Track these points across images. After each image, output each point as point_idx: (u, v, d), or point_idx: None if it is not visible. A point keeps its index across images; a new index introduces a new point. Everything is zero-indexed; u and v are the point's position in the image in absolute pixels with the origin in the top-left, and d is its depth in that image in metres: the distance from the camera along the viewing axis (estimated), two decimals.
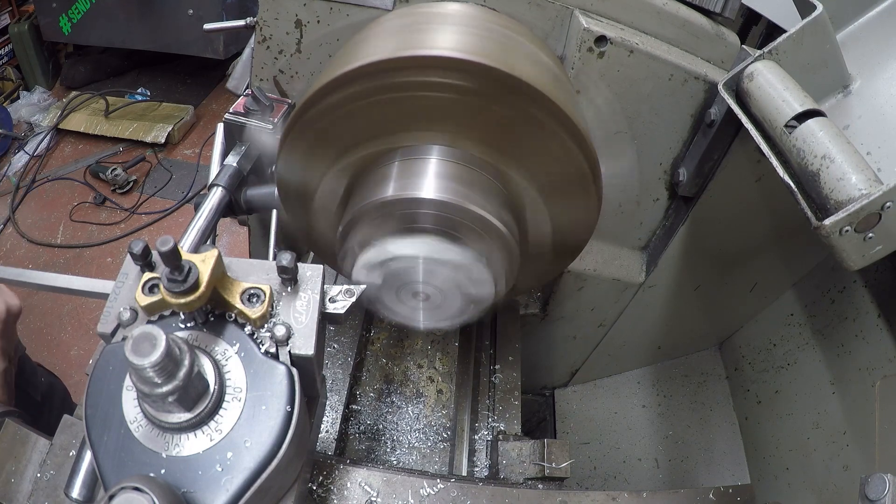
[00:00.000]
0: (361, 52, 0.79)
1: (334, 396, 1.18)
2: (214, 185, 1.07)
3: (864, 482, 0.71)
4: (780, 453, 1.61)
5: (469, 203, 0.80)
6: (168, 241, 0.57)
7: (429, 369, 1.29)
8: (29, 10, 4.46)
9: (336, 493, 0.80)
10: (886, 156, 0.95)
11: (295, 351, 0.67)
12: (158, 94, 4.59)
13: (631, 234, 1.49)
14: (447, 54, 0.73)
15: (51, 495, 0.75)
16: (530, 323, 1.63)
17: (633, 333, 1.79)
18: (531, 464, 1.06)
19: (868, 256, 0.82)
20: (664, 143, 1.26)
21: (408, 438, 1.18)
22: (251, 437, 0.60)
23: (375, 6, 1.09)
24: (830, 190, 0.81)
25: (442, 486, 0.83)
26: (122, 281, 0.69)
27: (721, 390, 1.93)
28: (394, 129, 0.82)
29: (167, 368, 0.53)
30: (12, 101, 4.46)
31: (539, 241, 0.95)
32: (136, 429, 0.59)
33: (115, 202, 3.85)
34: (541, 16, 1.09)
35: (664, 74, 1.13)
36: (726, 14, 1.20)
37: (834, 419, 1.41)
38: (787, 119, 0.90)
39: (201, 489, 0.57)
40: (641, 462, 1.88)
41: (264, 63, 1.20)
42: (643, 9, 1.11)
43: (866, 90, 1.04)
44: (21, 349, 2.01)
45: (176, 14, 3.91)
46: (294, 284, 0.70)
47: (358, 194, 0.87)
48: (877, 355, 1.30)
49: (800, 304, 1.62)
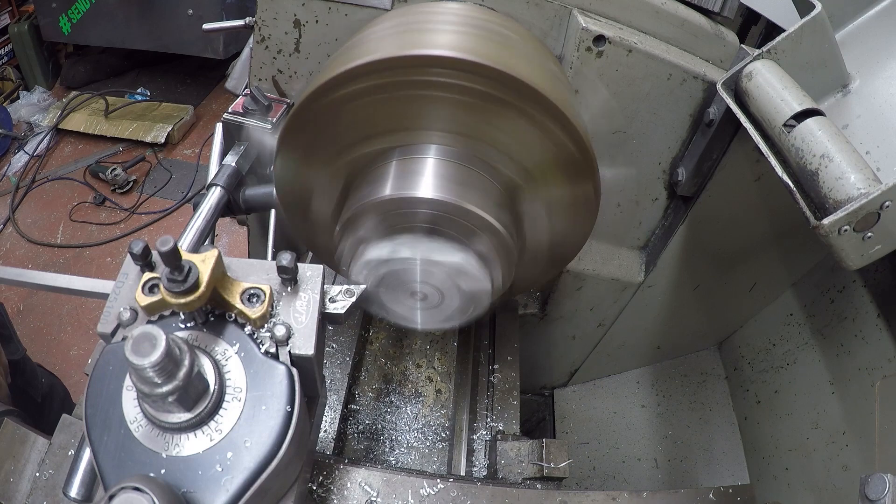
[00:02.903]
0: (360, 51, 0.79)
1: (333, 396, 1.18)
2: (213, 185, 1.08)
3: (864, 482, 0.71)
4: (780, 453, 1.61)
5: (466, 202, 0.80)
6: (168, 241, 0.57)
7: (427, 369, 1.29)
8: (29, 10, 4.46)
9: (336, 493, 0.80)
10: (885, 155, 0.95)
11: (295, 351, 0.67)
12: (158, 94, 4.59)
13: (630, 234, 1.49)
14: (445, 54, 0.73)
15: (49, 494, 0.75)
16: (529, 323, 1.63)
17: (632, 333, 1.79)
18: (530, 464, 1.06)
19: (867, 256, 0.82)
20: (663, 143, 1.26)
21: (406, 438, 1.18)
22: (251, 437, 0.60)
23: (374, 6, 1.09)
24: (829, 189, 0.81)
25: (442, 486, 0.83)
26: (122, 281, 0.69)
27: (720, 390, 1.93)
28: (391, 128, 0.82)
29: (167, 368, 0.53)
30: (12, 101, 4.46)
31: (537, 240, 0.95)
32: (136, 429, 0.59)
33: (114, 202, 3.85)
34: (539, 15, 1.09)
35: (663, 74, 1.13)
36: (725, 13, 1.20)
37: (833, 419, 1.41)
38: (785, 118, 0.90)
39: (201, 489, 0.57)
40: (641, 462, 1.88)
41: (263, 63, 1.20)
42: (642, 8, 1.11)
43: (865, 89, 1.04)
44: (21, 350, 2.01)
45: (176, 14, 3.91)
46: (294, 284, 0.70)
47: (355, 193, 0.87)
48: (876, 355, 1.30)
49: (799, 304, 1.62)
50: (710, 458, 1.84)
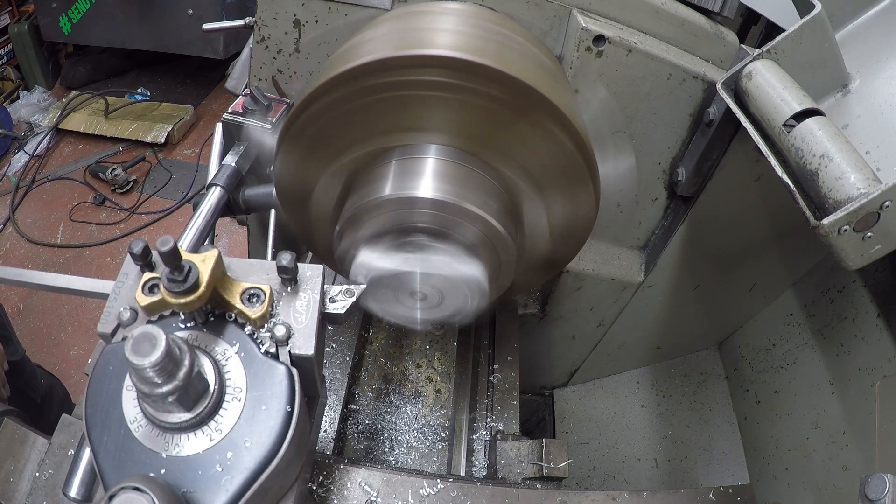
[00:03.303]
0: (359, 51, 0.79)
1: (332, 396, 1.18)
2: (213, 185, 1.08)
3: (864, 482, 0.71)
4: (780, 453, 1.61)
5: (466, 202, 0.80)
6: (168, 241, 0.57)
7: (427, 369, 1.29)
8: (29, 10, 4.46)
9: (336, 493, 0.80)
10: (885, 155, 0.95)
11: (295, 351, 0.67)
12: (158, 94, 4.59)
13: (630, 234, 1.49)
14: (445, 53, 0.73)
15: (49, 494, 0.75)
16: (529, 322, 1.63)
17: (632, 333, 1.79)
18: (529, 464, 1.06)
19: (867, 256, 0.82)
20: (663, 143, 1.26)
21: (406, 438, 1.18)
22: (251, 437, 0.60)
23: (373, 6, 1.09)
24: (829, 189, 0.81)
25: (442, 486, 0.83)
26: (122, 281, 0.69)
27: (720, 390, 1.93)
28: (391, 128, 0.82)
29: (167, 368, 0.53)
30: (12, 101, 4.46)
31: (537, 240, 0.95)
32: (136, 429, 0.59)
33: (114, 202, 3.85)
34: (539, 15, 1.09)
35: (663, 74, 1.13)
36: (725, 13, 1.20)
37: (833, 419, 1.41)
38: (785, 118, 0.90)
39: (201, 489, 0.57)
40: (641, 462, 1.88)
41: (263, 63, 1.20)
42: (642, 8, 1.11)
43: (865, 89, 1.04)
44: (21, 351, 2.01)
45: (176, 14, 3.91)
46: (294, 284, 0.70)
47: (355, 193, 0.87)
48: (876, 355, 1.30)
49: (799, 304, 1.62)
50: (709, 458, 1.84)
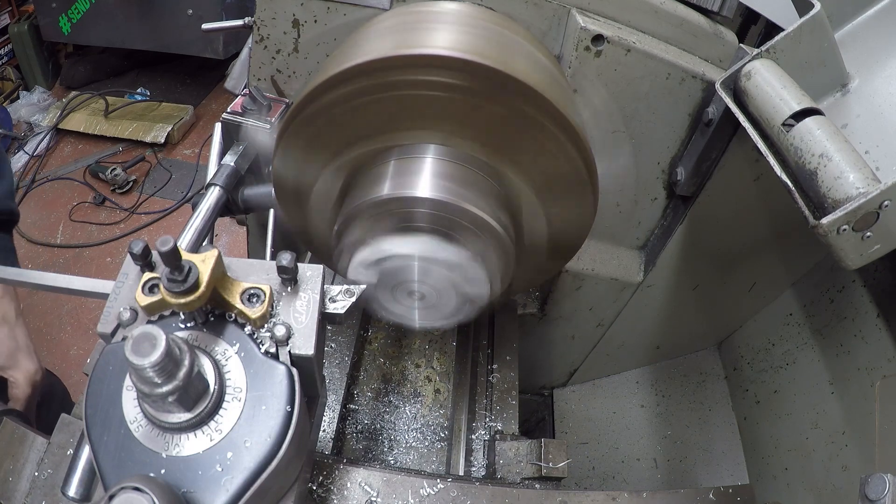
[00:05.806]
0: (358, 51, 0.79)
1: (331, 396, 1.18)
2: (212, 185, 1.08)
3: (864, 482, 0.71)
4: (779, 453, 1.61)
5: (464, 202, 0.80)
6: (168, 241, 0.57)
7: (426, 369, 1.29)
8: (29, 10, 4.45)
9: (336, 493, 0.80)
10: (884, 154, 0.95)
11: (295, 351, 0.67)
12: (158, 94, 4.59)
13: (629, 234, 1.49)
14: (444, 53, 0.73)
15: (48, 494, 0.75)
16: (528, 322, 1.63)
17: (631, 333, 1.79)
18: (528, 463, 1.06)
19: (866, 255, 0.82)
20: (662, 143, 1.26)
21: (405, 438, 1.18)
22: (251, 437, 0.60)
23: (372, 5, 1.09)
24: (828, 189, 0.81)
25: (442, 486, 0.83)
26: (122, 281, 0.69)
27: (720, 390, 1.93)
28: (390, 127, 0.82)
29: (167, 368, 0.53)
30: (12, 101, 4.45)
31: (535, 239, 0.95)
32: (136, 429, 0.59)
33: (114, 202, 3.85)
34: (538, 15, 1.09)
35: (662, 73, 1.13)
36: (724, 13, 1.20)
37: (833, 419, 1.41)
38: (784, 118, 0.90)
39: (201, 489, 0.57)
40: (640, 462, 1.88)
41: (262, 63, 1.20)
42: (641, 7, 1.11)
43: (864, 89, 1.04)
44: None
45: (175, 14, 3.91)
46: (294, 284, 0.70)
47: (353, 193, 0.87)
48: (876, 355, 1.30)
49: (799, 304, 1.62)
50: (709, 458, 1.84)
